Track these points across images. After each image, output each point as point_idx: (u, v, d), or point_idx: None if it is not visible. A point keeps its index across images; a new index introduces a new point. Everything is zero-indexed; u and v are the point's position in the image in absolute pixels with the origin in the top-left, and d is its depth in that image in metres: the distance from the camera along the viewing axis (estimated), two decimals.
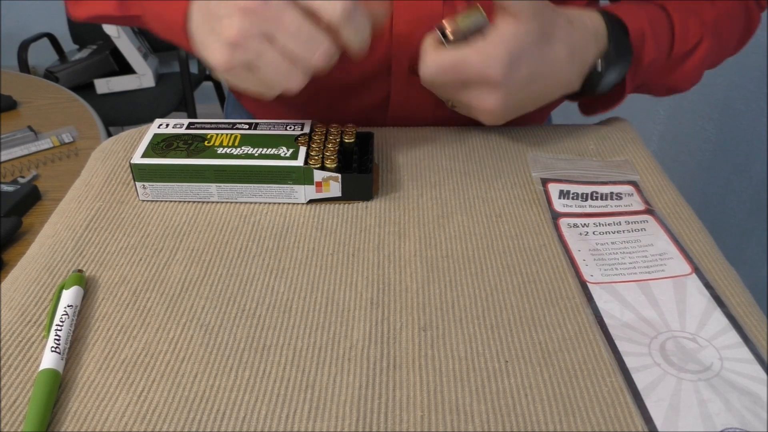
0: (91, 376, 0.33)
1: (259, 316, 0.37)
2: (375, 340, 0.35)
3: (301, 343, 0.35)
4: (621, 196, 0.46)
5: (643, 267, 0.40)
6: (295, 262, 0.41)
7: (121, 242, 0.42)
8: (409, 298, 0.38)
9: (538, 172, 0.48)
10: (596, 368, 0.34)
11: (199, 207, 0.45)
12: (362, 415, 0.31)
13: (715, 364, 0.34)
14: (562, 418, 0.31)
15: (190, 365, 0.34)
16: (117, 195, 0.47)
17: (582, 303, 0.38)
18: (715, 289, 0.38)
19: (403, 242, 0.42)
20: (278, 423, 0.31)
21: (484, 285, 0.39)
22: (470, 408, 0.32)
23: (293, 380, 0.33)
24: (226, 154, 0.45)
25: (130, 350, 0.35)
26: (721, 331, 0.35)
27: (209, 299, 0.38)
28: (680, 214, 0.45)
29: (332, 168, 0.44)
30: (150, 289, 0.39)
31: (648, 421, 0.31)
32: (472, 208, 0.45)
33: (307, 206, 0.46)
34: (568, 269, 0.40)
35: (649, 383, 0.33)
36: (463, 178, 0.48)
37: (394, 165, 0.50)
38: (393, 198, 0.46)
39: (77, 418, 0.31)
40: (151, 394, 0.32)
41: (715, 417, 0.31)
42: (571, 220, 0.44)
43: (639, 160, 0.51)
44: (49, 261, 0.40)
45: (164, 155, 0.45)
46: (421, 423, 0.31)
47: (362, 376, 0.33)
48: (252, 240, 0.42)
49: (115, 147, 0.52)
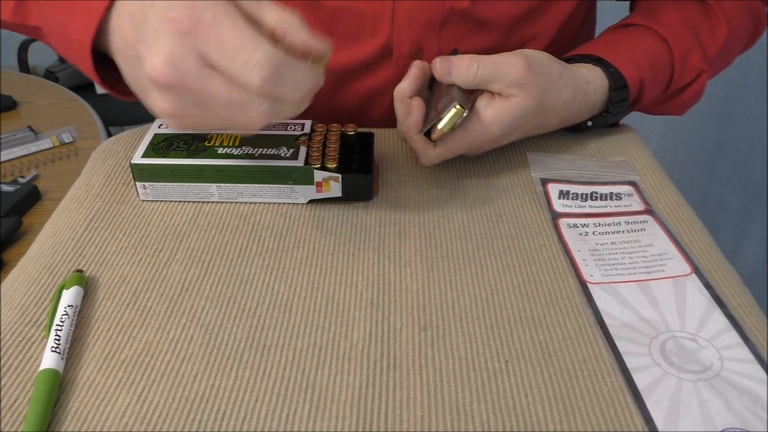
0: (91, 376, 0.33)
1: (259, 316, 0.37)
2: (375, 340, 0.35)
3: (301, 343, 0.35)
4: (621, 197, 0.46)
5: (643, 267, 0.40)
6: (296, 262, 0.41)
7: (121, 242, 0.42)
8: (409, 298, 0.38)
9: (537, 173, 0.48)
10: (596, 368, 0.34)
11: (199, 207, 0.45)
12: (362, 415, 0.31)
13: (715, 364, 0.34)
14: (562, 418, 0.31)
15: (190, 365, 0.34)
16: (117, 195, 0.47)
17: (582, 303, 0.38)
18: (715, 289, 0.38)
19: (403, 242, 0.42)
20: (278, 423, 0.31)
21: (484, 285, 0.39)
22: (470, 408, 0.32)
23: (293, 380, 0.33)
24: (227, 154, 0.45)
25: (130, 350, 0.35)
26: (721, 331, 0.35)
27: (209, 299, 0.38)
28: (680, 214, 0.45)
29: (332, 168, 0.44)
30: (150, 289, 0.39)
31: (648, 421, 0.31)
32: (472, 208, 0.45)
33: (307, 206, 0.46)
34: (568, 269, 0.40)
35: (649, 383, 0.33)
36: (463, 178, 0.48)
37: (394, 165, 0.50)
38: (393, 198, 0.46)
39: (77, 418, 0.31)
40: (151, 394, 0.32)
41: (715, 417, 0.31)
42: (571, 221, 0.44)
43: (639, 160, 0.51)
44: (49, 261, 0.40)
45: (164, 155, 0.45)
46: (421, 423, 0.31)
47: (362, 376, 0.33)
48: (252, 240, 0.42)
49: (115, 147, 0.52)
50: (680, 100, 0.55)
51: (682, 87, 0.54)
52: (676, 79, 0.53)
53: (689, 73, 0.53)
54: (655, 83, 0.52)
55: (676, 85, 0.53)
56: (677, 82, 0.53)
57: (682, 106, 0.56)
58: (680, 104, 0.55)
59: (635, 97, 0.52)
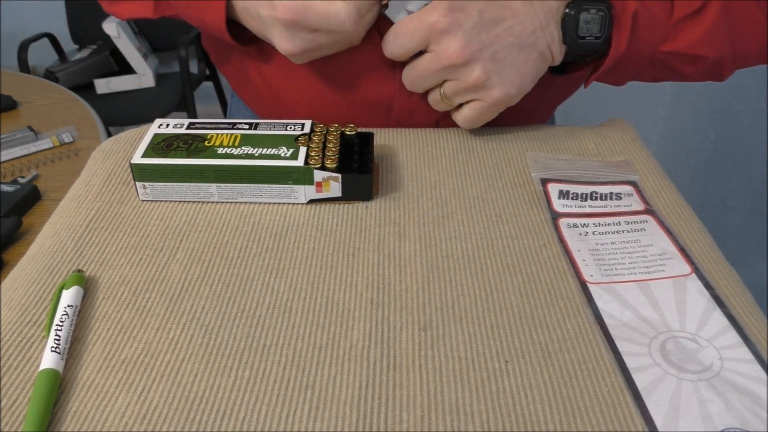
0: (91, 376, 0.33)
1: (259, 316, 0.37)
2: (375, 340, 0.35)
3: (301, 343, 0.35)
4: (621, 196, 0.46)
5: (643, 267, 0.40)
6: (295, 262, 0.41)
7: (121, 242, 0.42)
8: (409, 298, 0.38)
9: (537, 172, 0.48)
10: (596, 368, 0.34)
11: (199, 207, 0.45)
12: (362, 415, 0.31)
13: (715, 364, 0.34)
14: (562, 418, 0.31)
15: (190, 365, 0.34)
16: (117, 195, 0.47)
17: (582, 303, 0.38)
18: (715, 289, 0.38)
19: (403, 242, 0.42)
20: (278, 423, 0.31)
21: (484, 285, 0.39)
22: (470, 408, 0.32)
23: (293, 380, 0.33)
24: (227, 154, 0.45)
25: (130, 350, 0.35)
26: (721, 331, 0.35)
27: (209, 299, 0.38)
28: (680, 214, 0.45)
29: (332, 168, 0.44)
30: (150, 289, 0.39)
31: (648, 421, 0.31)
32: (472, 208, 0.45)
33: (307, 206, 0.46)
34: (568, 269, 0.40)
35: (649, 383, 0.33)
36: (463, 178, 0.48)
37: (394, 165, 0.50)
38: (393, 198, 0.46)
39: (77, 418, 0.31)
40: (151, 394, 0.32)
41: (715, 417, 0.31)
42: (571, 220, 0.44)
43: (639, 160, 0.51)
44: (49, 261, 0.40)
45: (164, 155, 0.45)
46: (421, 423, 0.31)
47: (362, 376, 0.33)
48: (252, 240, 0.42)
49: (115, 147, 0.52)
50: (689, 37, 0.49)
51: (687, 15, 0.48)
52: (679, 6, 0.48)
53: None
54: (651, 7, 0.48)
55: (680, 10, 0.48)
56: (681, 8, 0.48)
57: (694, 44, 0.49)
58: (689, 43, 0.49)
59: (629, 23, 0.48)
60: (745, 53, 0.52)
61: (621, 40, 0.48)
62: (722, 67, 0.52)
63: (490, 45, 0.47)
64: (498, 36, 0.47)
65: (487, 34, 0.46)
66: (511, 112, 0.54)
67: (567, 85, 0.61)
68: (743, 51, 0.52)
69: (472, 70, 0.47)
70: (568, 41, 0.49)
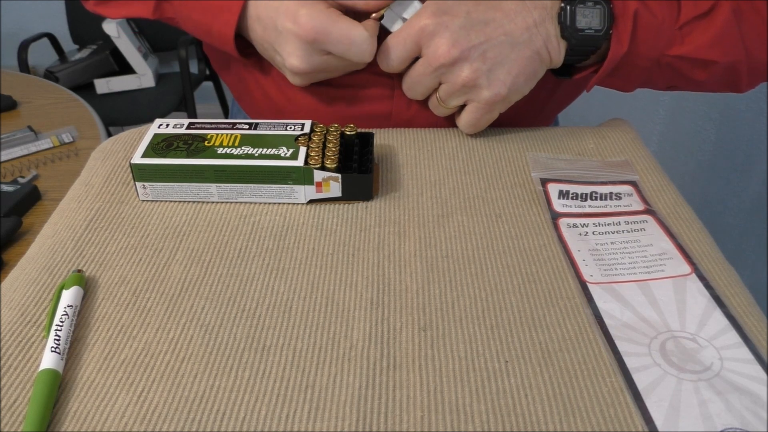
0: (91, 376, 0.33)
1: (259, 316, 0.37)
2: (375, 340, 0.35)
3: (301, 344, 0.35)
4: (620, 196, 0.46)
5: (643, 267, 0.40)
6: (295, 262, 0.41)
7: (121, 242, 0.42)
8: (409, 298, 0.38)
9: (537, 172, 0.48)
10: (596, 368, 0.34)
11: (199, 207, 0.45)
12: (362, 415, 0.31)
13: (715, 364, 0.34)
14: (562, 418, 0.31)
15: (190, 365, 0.34)
16: (117, 195, 0.47)
17: (582, 303, 0.38)
18: (715, 289, 0.38)
19: (403, 242, 0.42)
20: (278, 423, 0.31)
21: (484, 285, 0.39)
22: (470, 408, 0.32)
23: (293, 380, 0.33)
24: (226, 154, 0.45)
25: (130, 350, 0.35)
26: (721, 331, 0.35)
27: (209, 299, 0.38)
28: (680, 214, 0.45)
29: (332, 168, 0.44)
30: (150, 289, 0.39)
31: (648, 422, 0.31)
32: (472, 208, 0.45)
33: (307, 206, 0.46)
34: (568, 269, 0.40)
35: (649, 383, 0.33)
36: (463, 178, 0.48)
37: (394, 165, 0.50)
38: (393, 198, 0.46)
39: (77, 418, 0.31)
40: (151, 394, 0.32)
41: (715, 417, 0.31)
42: (571, 220, 0.44)
43: (639, 160, 0.51)
44: (49, 261, 0.40)
45: (164, 155, 0.45)
46: (421, 423, 0.31)
47: (362, 376, 0.33)
48: (252, 240, 0.42)
49: (115, 147, 0.52)
50: (697, 40, 0.47)
51: (695, 17, 0.47)
52: (686, 8, 0.47)
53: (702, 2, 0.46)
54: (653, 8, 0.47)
55: (687, 12, 0.47)
56: (688, 9, 0.47)
57: (703, 48, 0.48)
58: (697, 47, 0.48)
59: (629, 23, 0.47)
60: (760, 59, 0.50)
61: (622, 39, 0.47)
62: (737, 74, 0.50)
63: (479, 44, 0.47)
64: (488, 35, 0.47)
65: (476, 34, 0.46)
66: (514, 116, 0.54)
67: (572, 89, 0.61)
68: (758, 57, 0.49)
69: (462, 69, 0.47)
70: (566, 35, 0.48)
